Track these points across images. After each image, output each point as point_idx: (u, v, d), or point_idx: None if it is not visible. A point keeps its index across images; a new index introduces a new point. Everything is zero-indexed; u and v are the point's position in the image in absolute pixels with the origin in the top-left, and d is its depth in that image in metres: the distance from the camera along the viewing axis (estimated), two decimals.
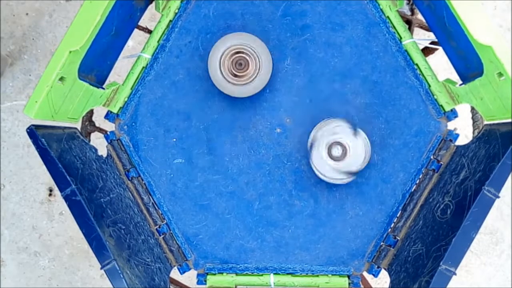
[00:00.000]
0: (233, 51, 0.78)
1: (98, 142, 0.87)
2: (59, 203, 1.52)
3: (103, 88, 0.81)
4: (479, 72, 0.70)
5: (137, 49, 1.47)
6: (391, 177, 0.82)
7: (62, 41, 0.69)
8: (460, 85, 0.77)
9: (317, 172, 0.78)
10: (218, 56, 0.78)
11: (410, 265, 0.74)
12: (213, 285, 0.83)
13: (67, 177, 0.68)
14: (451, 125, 0.81)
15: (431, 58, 0.89)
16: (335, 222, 0.82)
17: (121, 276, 0.68)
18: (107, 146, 0.84)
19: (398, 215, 0.82)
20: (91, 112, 0.87)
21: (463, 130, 0.90)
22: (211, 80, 0.82)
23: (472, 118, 0.79)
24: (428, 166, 0.81)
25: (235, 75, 0.78)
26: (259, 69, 0.78)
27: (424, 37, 1.22)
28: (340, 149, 0.76)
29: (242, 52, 0.78)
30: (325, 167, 0.77)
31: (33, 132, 0.69)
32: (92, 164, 0.77)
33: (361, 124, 0.82)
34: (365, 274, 0.84)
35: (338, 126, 0.76)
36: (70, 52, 0.69)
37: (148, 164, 0.84)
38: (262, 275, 0.83)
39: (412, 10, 0.89)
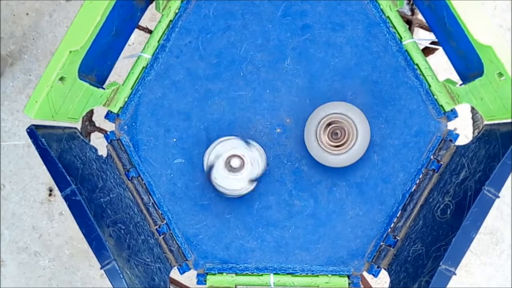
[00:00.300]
0: (327, 122, 0.77)
1: (98, 142, 0.87)
2: (59, 203, 1.52)
3: (103, 88, 0.81)
4: (479, 72, 0.70)
5: (137, 49, 1.47)
6: (391, 177, 0.82)
7: (62, 41, 0.69)
8: (460, 85, 0.77)
9: (221, 189, 0.79)
10: (313, 129, 0.78)
11: (410, 265, 0.74)
12: (213, 285, 0.83)
13: (67, 177, 0.68)
14: (451, 125, 0.81)
15: (431, 58, 0.89)
16: (335, 222, 0.82)
17: (121, 276, 0.68)
18: (107, 146, 0.84)
19: (398, 215, 0.82)
20: (91, 112, 0.87)
21: (463, 130, 0.90)
22: (213, 81, 0.82)
23: (472, 118, 0.79)
24: (428, 166, 0.81)
25: (333, 146, 0.77)
26: (356, 136, 0.76)
27: (424, 37, 1.22)
28: (237, 160, 0.77)
29: (336, 122, 0.77)
30: (229, 181, 0.78)
31: (33, 132, 0.69)
32: (92, 164, 0.77)
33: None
34: (365, 274, 0.84)
35: (228, 140, 0.78)
36: (70, 52, 0.69)
37: (148, 164, 0.84)
38: (262, 275, 0.83)
39: (412, 10, 0.89)
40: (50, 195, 1.53)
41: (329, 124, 0.77)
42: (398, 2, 0.81)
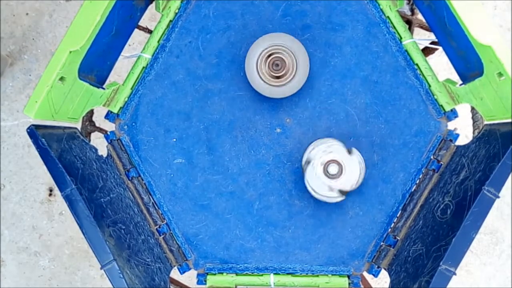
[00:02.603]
0: (268, 53, 0.77)
1: (98, 142, 0.87)
2: (59, 203, 1.52)
3: (103, 88, 0.81)
4: (479, 72, 0.70)
5: (137, 49, 1.47)
6: (391, 177, 0.82)
7: (62, 41, 0.69)
8: (460, 85, 0.77)
9: (310, 189, 0.78)
10: (254, 60, 0.77)
11: (410, 265, 0.74)
12: (213, 285, 0.83)
13: (67, 177, 0.68)
14: (451, 125, 0.81)
15: (431, 58, 0.89)
16: (335, 222, 0.82)
17: (121, 276, 0.68)
18: (107, 146, 0.84)
19: (398, 215, 0.82)
20: (91, 112, 0.87)
21: (463, 130, 0.90)
22: (213, 81, 0.82)
23: (472, 118, 0.79)
24: (428, 166, 0.81)
25: (273, 77, 0.77)
26: (296, 68, 0.77)
27: (424, 37, 1.22)
28: (336, 167, 0.76)
29: (277, 53, 0.77)
30: (319, 185, 0.77)
31: (33, 132, 0.69)
32: (92, 164, 0.77)
33: (361, 124, 0.82)
34: (365, 274, 0.84)
35: (333, 145, 0.77)
36: (70, 52, 0.69)
37: (148, 164, 0.84)
38: (262, 275, 0.83)
39: (412, 10, 0.89)
40: (50, 195, 1.53)
41: (269, 56, 0.77)
42: (398, 2, 0.81)
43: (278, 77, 0.78)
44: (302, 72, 0.78)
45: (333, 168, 0.76)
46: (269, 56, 0.77)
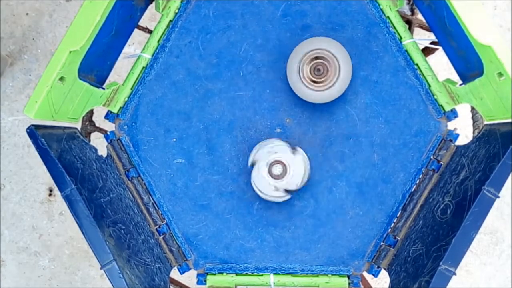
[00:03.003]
0: (311, 57, 0.76)
1: (98, 142, 0.87)
2: (59, 203, 1.52)
3: (103, 88, 0.81)
4: (480, 72, 0.70)
5: (137, 49, 1.47)
6: (391, 177, 0.82)
7: (62, 41, 0.69)
8: (460, 85, 0.77)
9: (256, 191, 0.78)
10: (296, 63, 0.77)
11: (410, 265, 0.74)
12: (213, 285, 0.83)
13: (67, 177, 0.68)
14: (451, 125, 0.81)
15: (431, 58, 0.89)
16: (335, 222, 0.82)
17: (121, 276, 0.68)
18: (107, 146, 0.84)
19: (398, 215, 0.82)
20: (91, 112, 0.87)
21: (463, 130, 0.90)
22: (213, 81, 0.82)
23: (472, 118, 0.79)
24: (428, 166, 0.81)
25: (314, 81, 0.77)
26: (338, 74, 0.76)
27: (424, 37, 1.22)
28: (280, 168, 0.76)
29: (320, 58, 0.76)
30: (265, 185, 0.77)
31: (33, 132, 0.69)
32: (92, 164, 0.77)
33: (361, 124, 0.82)
34: (365, 274, 0.84)
35: (277, 145, 0.77)
36: (70, 52, 0.69)
37: (148, 164, 0.84)
38: (262, 275, 0.83)
39: (412, 10, 0.89)
40: (50, 195, 1.53)
41: (312, 60, 0.77)
42: (398, 2, 0.81)
43: (318, 82, 0.77)
44: (344, 80, 0.77)
45: (277, 169, 0.76)
46: (312, 60, 0.77)
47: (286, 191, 0.77)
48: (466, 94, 0.75)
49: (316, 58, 0.76)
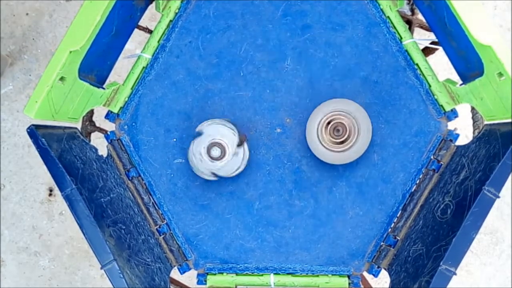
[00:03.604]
0: (328, 120, 0.77)
1: (98, 142, 0.87)
2: (59, 203, 1.52)
3: (103, 88, 0.81)
4: (480, 72, 0.70)
5: (137, 49, 1.47)
6: (391, 177, 0.82)
7: (62, 41, 0.69)
8: (460, 85, 0.77)
9: (191, 158, 0.78)
10: (315, 126, 0.77)
11: (410, 265, 0.74)
12: (213, 285, 0.83)
13: (67, 177, 0.68)
14: (451, 125, 0.81)
15: (431, 58, 0.89)
16: (335, 222, 0.82)
17: (121, 276, 0.68)
18: (107, 146, 0.84)
19: (398, 215, 0.82)
20: (91, 112, 0.87)
21: (463, 130, 0.90)
22: (213, 81, 0.82)
23: (472, 118, 0.79)
24: (428, 166, 0.81)
25: (335, 142, 0.77)
26: (358, 132, 0.76)
27: (424, 37, 1.22)
28: (218, 151, 0.75)
29: (337, 119, 0.76)
30: (198, 160, 0.76)
31: (33, 132, 0.69)
32: (93, 164, 0.77)
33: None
34: (365, 274, 0.84)
35: (228, 129, 0.76)
36: (70, 52, 0.69)
37: (148, 164, 0.84)
38: (262, 275, 0.83)
39: (412, 10, 0.89)
40: (50, 195, 1.53)
41: (330, 121, 0.77)
42: (398, 2, 0.81)
43: (340, 143, 0.77)
44: (365, 135, 0.77)
45: (215, 152, 0.75)
46: (329, 122, 0.77)
47: (213, 173, 0.77)
48: (466, 94, 0.75)
49: (333, 120, 0.77)
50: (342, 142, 0.77)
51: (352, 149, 0.77)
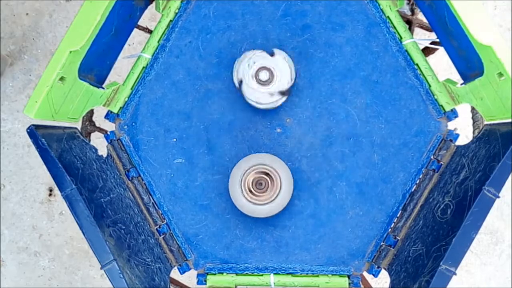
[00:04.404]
0: (254, 171, 0.78)
1: (98, 142, 0.87)
2: (59, 203, 1.52)
3: (103, 88, 0.81)
4: (480, 72, 0.70)
5: (137, 49, 1.47)
6: (391, 177, 0.82)
7: (62, 41, 0.69)
8: (461, 85, 0.77)
9: (254, 104, 0.78)
10: (237, 180, 0.78)
11: (410, 265, 0.74)
12: (213, 285, 0.83)
13: (67, 177, 0.68)
14: (451, 125, 0.81)
15: (431, 58, 0.89)
16: (335, 222, 0.82)
17: (121, 276, 0.68)
18: (107, 146, 0.84)
19: (398, 215, 0.82)
20: (91, 112, 0.87)
21: (463, 130, 0.90)
22: (213, 81, 0.82)
23: (472, 118, 0.79)
24: (428, 166, 0.81)
25: (255, 195, 0.78)
26: (279, 190, 0.78)
27: (424, 37, 1.22)
28: (267, 73, 0.76)
29: (263, 173, 0.78)
30: (260, 96, 0.77)
31: (33, 132, 0.69)
32: (92, 164, 0.77)
33: (361, 124, 0.82)
34: (365, 274, 0.84)
35: (254, 55, 0.76)
36: (70, 52, 0.69)
37: (148, 164, 0.84)
38: (262, 275, 0.83)
39: (412, 10, 0.89)
40: (50, 195, 1.53)
41: (254, 174, 0.78)
42: (398, 2, 0.81)
43: (261, 197, 0.78)
44: (286, 190, 0.78)
45: (263, 75, 0.76)
46: (254, 174, 0.78)
47: (281, 93, 0.77)
48: (466, 94, 0.75)
49: (259, 172, 0.78)
50: (265, 196, 0.78)
51: (276, 201, 0.78)
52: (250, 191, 0.78)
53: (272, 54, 0.77)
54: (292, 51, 0.82)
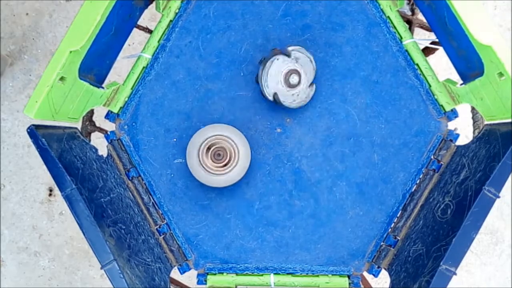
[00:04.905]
0: (210, 143, 0.78)
1: (99, 142, 0.87)
2: (59, 203, 1.52)
3: (103, 88, 0.81)
4: (480, 72, 0.70)
5: (137, 49, 1.47)
6: (391, 177, 0.82)
7: (62, 41, 0.69)
8: (461, 85, 0.77)
9: (292, 106, 0.79)
10: (195, 152, 0.79)
11: (410, 265, 0.74)
12: (213, 285, 0.83)
13: (67, 177, 0.68)
14: (451, 125, 0.81)
15: (431, 58, 0.89)
16: (335, 222, 0.82)
17: (122, 276, 0.68)
18: (107, 146, 0.84)
19: (398, 215, 0.82)
20: (91, 112, 0.87)
21: (464, 130, 0.90)
22: (214, 81, 0.82)
23: (473, 118, 0.79)
24: (429, 166, 0.81)
25: (215, 166, 0.79)
26: (237, 158, 0.78)
27: (424, 37, 1.22)
28: (295, 76, 0.77)
29: (219, 144, 0.78)
30: (295, 97, 0.78)
31: (34, 132, 0.69)
32: (93, 164, 0.77)
33: (361, 124, 0.82)
34: (365, 274, 0.84)
35: (277, 64, 0.77)
36: (70, 52, 0.69)
37: (148, 164, 0.84)
38: (262, 275, 0.83)
39: (412, 10, 0.89)
40: (50, 195, 1.53)
41: (210, 147, 0.79)
42: (398, 2, 0.81)
43: (220, 167, 0.79)
44: (244, 161, 0.79)
45: (293, 79, 0.77)
46: (210, 147, 0.78)
47: (310, 84, 0.78)
48: (466, 94, 0.75)
49: (214, 144, 0.78)
50: (223, 166, 0.79)
51: (232, 172, 0.78)
52: (211, 164, 0.78)
53: (288, 54, 0.77)
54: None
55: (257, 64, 0.83)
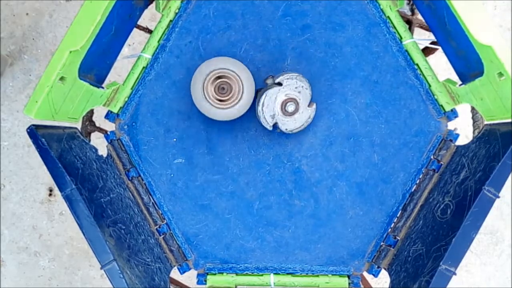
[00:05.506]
0: (215, 76, 0.77)
1: (98, 142, 0.87)
2: (59, 203, 1.52)
3: (103, 88, 0.81)
4: (480, 72, 0.70)
5: (137, 49, 1.47)
6: (391, 177, 0.82)
7: (62, 41, 0.69)
8: (460, 85, 0.77)
9: (295, 131, 0.79)
10: (200, 82, 0.78)
11: (410, 265, 0.74)
12: (213, 285, 0.83)
13: (67, 177, 0.68)
14: (451, 125, 0.81)
15: (431, 58, 0.89)
16: (335, 222, 0.82)
17: (121, 276, 0.68)
18: (107, 146, 0.84)
19: (398, 215, 0.82)
20: (91, 112, 0.87)
21: (463, 130, 0.90)
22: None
23: (472, 118, 0.79)
24: (428, 166, 0.81)
25: (219, 100, 0.78)
26: (242, 92, 0.77)
27: (424, 37, 1.22)
28: (292, 104, 0.77)
29: (224, 77, 0.77)
30: (296, 121, 0.78)
31: (33, 132, 0.69)
32: (92, 164, 0.77)
33: (361, 124, 0.82)
34: (365, 274, 0.84)
35: (270, 98, 0.77)
36: (70, 52, 0.69)
37: (148, 164, 0.84)
38: (262, 275, 0.83)
39: (412, 10, 0.89)
40: (50, 195, 1.53)
41: (215, 79, 0.77)
42: (398, 2, 0.81)
43: (223, 100, 0.78)
44: (248, 96, 0.78)
45: (290, 107, 0.77)
46: (215, 79, 0.78)
47: (309, 105, 0.78)
48: (466, 94, 0.76)
49: (219, 77, 0.77)
50: (226, 100, 0.78)
51: (236, 106, 0.78)
52: (214, 97, 0.78)
53: (279, 83, 0.76)
54: (292, 51, 0.82)
55: (257, 64, 0.83)
